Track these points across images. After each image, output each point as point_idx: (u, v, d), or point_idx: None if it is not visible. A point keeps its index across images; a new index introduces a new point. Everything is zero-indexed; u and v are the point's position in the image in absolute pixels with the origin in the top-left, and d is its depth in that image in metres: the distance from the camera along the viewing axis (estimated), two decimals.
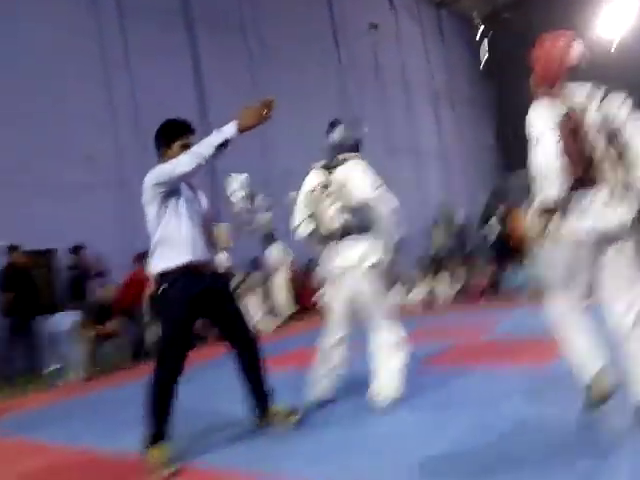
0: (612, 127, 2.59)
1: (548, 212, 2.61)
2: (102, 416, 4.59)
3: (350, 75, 14.76)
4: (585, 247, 2.56)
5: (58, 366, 6.74)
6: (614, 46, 17.29)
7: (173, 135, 3.22)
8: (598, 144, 2.57)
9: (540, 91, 2.78)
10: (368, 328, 3.54)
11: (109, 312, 7.21)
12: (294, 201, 3.70)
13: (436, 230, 14.55)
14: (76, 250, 7.78)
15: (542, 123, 2.68)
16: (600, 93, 2.68)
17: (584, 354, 2.64)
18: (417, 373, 4.29)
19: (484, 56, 21.26)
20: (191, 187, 3.27)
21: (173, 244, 3.02)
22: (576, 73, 2.74)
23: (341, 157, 3.63)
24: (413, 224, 15.50)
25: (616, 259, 2.54)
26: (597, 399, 2.61)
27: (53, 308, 7.77)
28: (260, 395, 3.24)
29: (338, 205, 3.54)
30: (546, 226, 2.61)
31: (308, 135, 12.19)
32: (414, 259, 10.59)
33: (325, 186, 3.61)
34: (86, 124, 8.92)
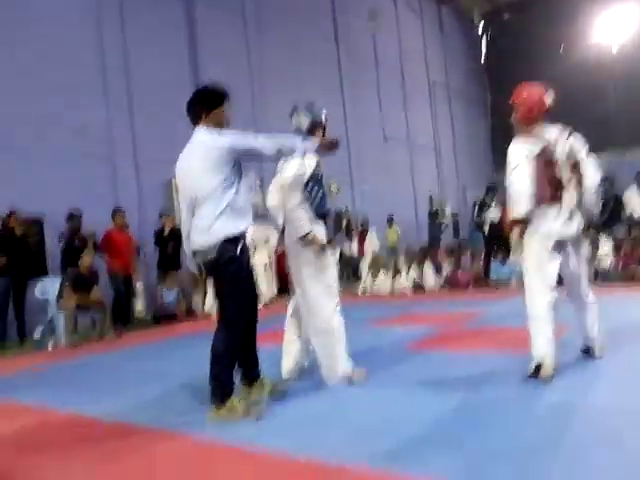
0: (575, 159, 3.40)
1: (520, 222, 3.42)
2: (85, 382, 4.60)
3: (347, 62, 14.67)
4: (551, 243, 3.34)
5: (41, 332, 6.73)
6: (614, 46, 17.31)
7: (219, 101, 3.27)
8: (564, 171, 3.39)
9: (520, 130, 3.50)
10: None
11: (91, 280, 7.13)
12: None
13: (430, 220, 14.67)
14: (72, 217, 7.71)
15: (518, 156, 3.43)
16: (566, 131, 3.46)
17: (545, 338, 3.28)
18: (401, 356, 4.35)
19: (482, 53, 21.27)
20: None
21: (241, 211, 3.08)
22: (550, 115, 3.50)
23: None
24: (404, 213, 15.68)
25: (571, 254, 3.46)
26: (544, 377, 3.22)
27: (44, 274, 7.74)
28: (252, 364, 3.33)
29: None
30: (521, 231, 3.42)
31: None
32: (403, 247, 10.63)
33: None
34: (78, 94, 8.81)
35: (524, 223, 3.40)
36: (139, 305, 8.62)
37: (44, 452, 2.88)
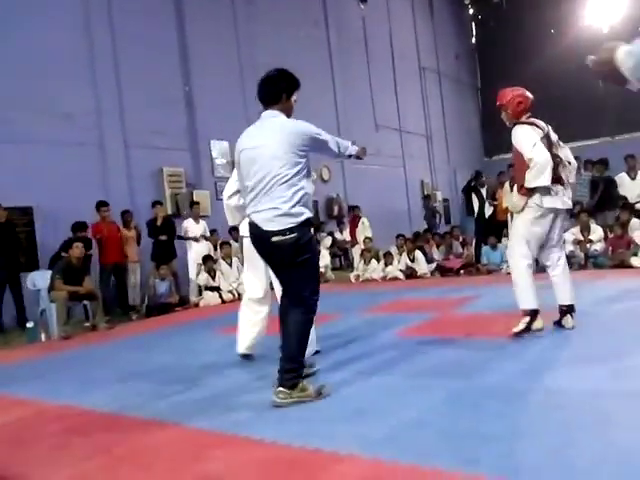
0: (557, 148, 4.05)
1: (528, 191, 3.94)
2: (79, 373, 4.60)
3: (337, 47, 14.56)
4: (552, 214, 4.02)
5: (33, 323, 6.71)
6: (605, 28, 17.27)
7: (295, 87, 3.28)
8: (561, 155, 4.02)
9: (519, 121, 4.07)
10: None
11: (82, 271, 7.11)
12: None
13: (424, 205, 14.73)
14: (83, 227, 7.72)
15: (533, 135, 3.92)
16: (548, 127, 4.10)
17: (530, 293, 3.94)
18: (393, 342, 4.38)
19: (472, 37, 21.16)
20: None
21: (310, 200, 3.14)
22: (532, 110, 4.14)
23: None
24: (396, 200, 15.70)
25: (559, 224, 4.13)
26: (535, 328, 3.94)
27: (34, 265, 7.72)
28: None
29: None
30: (527, 201, 3.97)
31: None
32: (394, 234, 10.64)
33: None
34: (66, 81, 8.70)
35: (532, 192, 3.93)
36: (133, 296, 8.59)
37: (38, 444, 2.89)
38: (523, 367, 3.31)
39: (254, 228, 3.12)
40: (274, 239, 3.00)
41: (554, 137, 4.07)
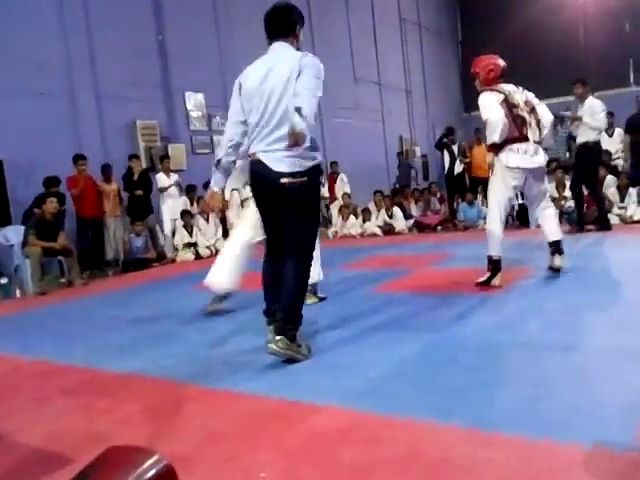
0: (531, 106, 4.31)
1: (493, 149, 4.28)
2: (55, 329, 4.58)
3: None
4: (520, 173, 4.24)
5: (7, 279, 6.63)
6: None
7: (303, 20, 3.16)
8: (525, 115, 4.25)
9: (486, 88, 4.35)
10: None
11: (57, 226, 6.99)
12: None
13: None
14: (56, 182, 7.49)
15: (491, 99, 4.24)
16: (519, 87, 4.40)
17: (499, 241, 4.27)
18: (370, 298, 4.43)
19: None
20: None
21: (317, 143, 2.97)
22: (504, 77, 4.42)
23: None
24: (375, 155, 15.60)
25: (535, 182, 4.36)
26: (493, 284, 4.23)
27: (7, 220, 7.52)
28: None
29: None
30: (492, 159, 4.32)
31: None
32: (373, 190, 10.62)
33: None
34: (34, 30, 8.31)
35: (496, 150, 4.25)
36: (110, 251, 8.49)
37: (15, 399, 2.89)
38: (498, 320, 3.38)
39: (260, 167, 2.91)
40: (283, 180, 2.84)
41: (520, 98, 4.30)
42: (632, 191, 7.99)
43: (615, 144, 9.15)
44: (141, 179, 8.61)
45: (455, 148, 10.29)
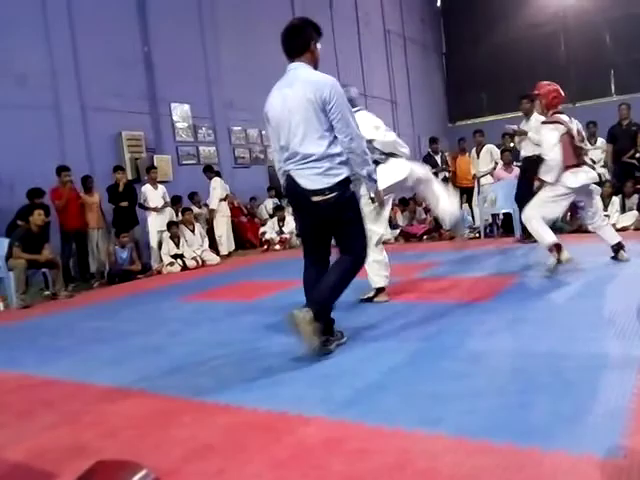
0: (582, 136, 4.94)
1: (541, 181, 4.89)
2: (39, 343, 4.52)
3: (301, 6, 14.22)
4: (574, 190, 4.80)
5: None
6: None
7: (319, 33, 3.20)
8: (582, 145, 4.85)
9: (547, 113, 4.99)
10: None
11: (42, 238, 6.92)
12: None
13: None
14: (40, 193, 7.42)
15: (555, 138, 4.75)
16: (571, 117, 4.95)
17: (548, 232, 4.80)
18: (357, 307, 4.43)
19: (437, 1, 20.96)
20: None
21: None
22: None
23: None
24: None
25: (588, 194, 5.01)
26: (563, 260, 4.75)
27: None
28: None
29: None
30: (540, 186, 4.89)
31: (252, 67, 11.83)
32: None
33: None
34: (18, 40, 8.28)
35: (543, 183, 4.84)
36: (93, 263, 8.42)
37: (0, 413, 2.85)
38: (485, 329, 3.40)
39: (293, 184, 3.08)
40: (315, 199, 3.00)
41: (573, 128, 4.81)
42: (615, 200, 8.11)
43: (598, 153, 9.29)
44: (126, 190, 8.57)
45: (438, 158, 10.36)
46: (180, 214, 9.34)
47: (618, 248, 5.01)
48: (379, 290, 4.51)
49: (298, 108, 2.96)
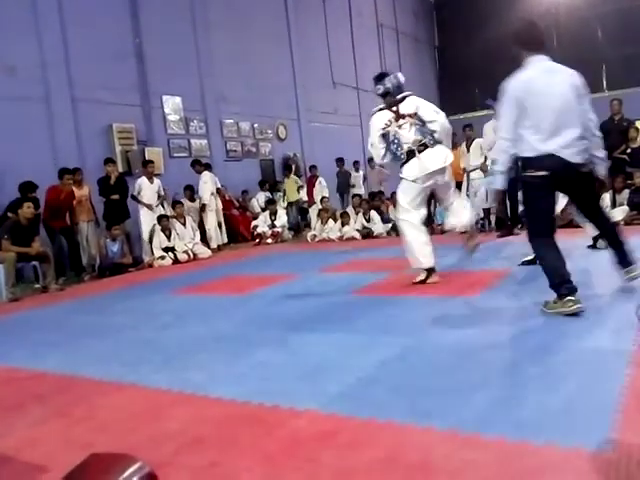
0: None
1: None
2: (29, 336, 4.49)
3: (294, 4, 14.15)
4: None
5: None
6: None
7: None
8: None
9: None
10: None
11: (32, 231, 6.86)
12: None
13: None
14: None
15: None
16: None
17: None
18: (349, 301, 4.44)
19: None
20: None
21: None
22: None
23: (399, 96, 4.80)
24: (353, 159, 15.67)
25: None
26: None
27: None
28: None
29: (415, 127, 4.65)
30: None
31: (245, 61, 11.77)
32: (350, 195, 10.68)
33: (397, 118, 4.70)
34: (7, 32, 8.18)
35: None
36: (83, 257, 8.35)
37: None
38: (475, 323, 3.42)
39: (558, 161, 3.34)
40: (583, 170, 3.41)
41: None
42: (605, 195, 8.15)
43: None
44: (117, 183, 8.52)
45: None
46: (171, 207, 9.30)
47: (597, 238, 5.22)
48: (430, 270, 4.74)
49: (568, 96, 3.44)
